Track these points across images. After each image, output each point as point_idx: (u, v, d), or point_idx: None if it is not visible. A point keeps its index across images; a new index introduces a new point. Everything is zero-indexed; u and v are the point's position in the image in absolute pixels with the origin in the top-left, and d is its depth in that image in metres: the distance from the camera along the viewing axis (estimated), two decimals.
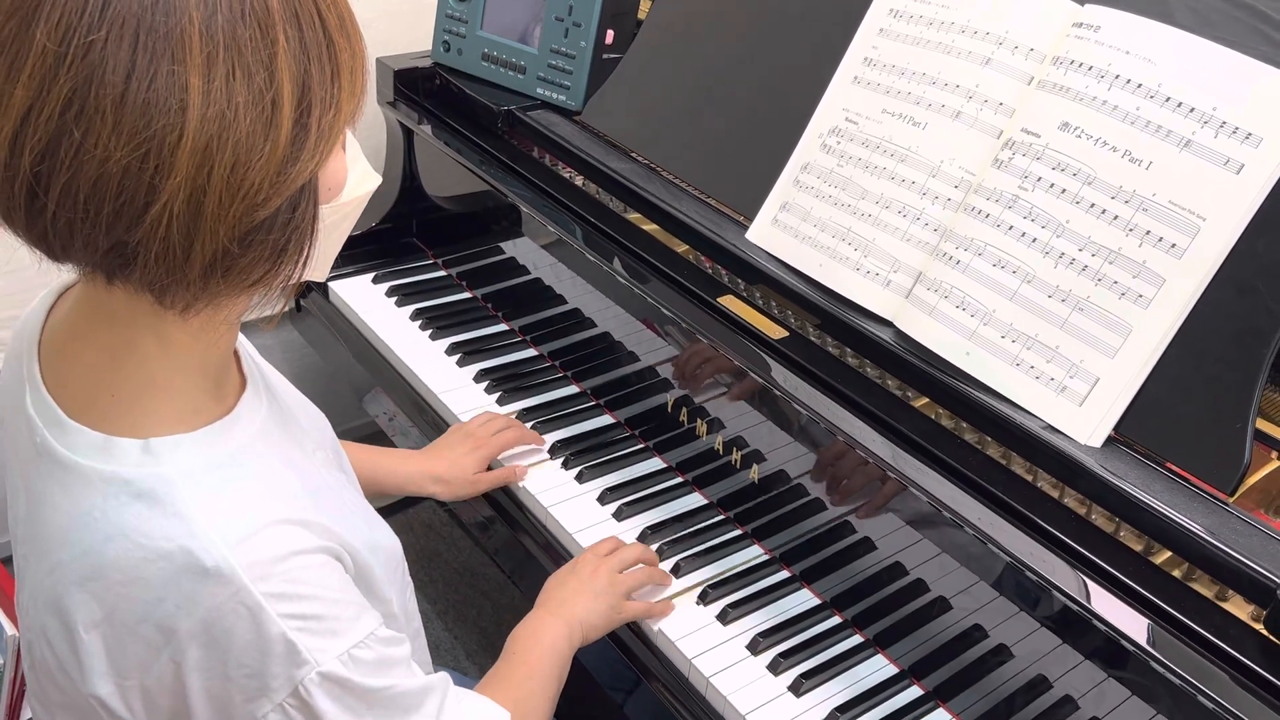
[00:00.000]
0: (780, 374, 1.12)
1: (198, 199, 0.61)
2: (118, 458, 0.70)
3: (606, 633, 1.11)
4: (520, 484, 1.29)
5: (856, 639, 1.13)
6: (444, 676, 0.84)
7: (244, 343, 0.84)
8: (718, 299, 1.20)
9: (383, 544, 0.86)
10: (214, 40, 0.60)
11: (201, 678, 0.70)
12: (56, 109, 0.59)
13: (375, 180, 0.79)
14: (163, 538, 0.68)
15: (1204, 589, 0.89)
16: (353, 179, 0.76)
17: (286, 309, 0.77)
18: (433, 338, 1.52)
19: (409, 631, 0.94)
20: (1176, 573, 0.90)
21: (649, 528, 1.23)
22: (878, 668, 1.10)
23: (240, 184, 0.62)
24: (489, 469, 1.30)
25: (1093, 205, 0.99)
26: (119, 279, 0.66)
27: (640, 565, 1.15)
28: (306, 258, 0.69)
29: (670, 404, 1.31)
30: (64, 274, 0.74)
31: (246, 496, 0.71)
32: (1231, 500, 0.91)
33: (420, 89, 1.65)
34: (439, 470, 1.26)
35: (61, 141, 0.59)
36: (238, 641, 0.69)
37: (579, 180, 1.42)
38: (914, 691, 1.08)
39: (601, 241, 1.32)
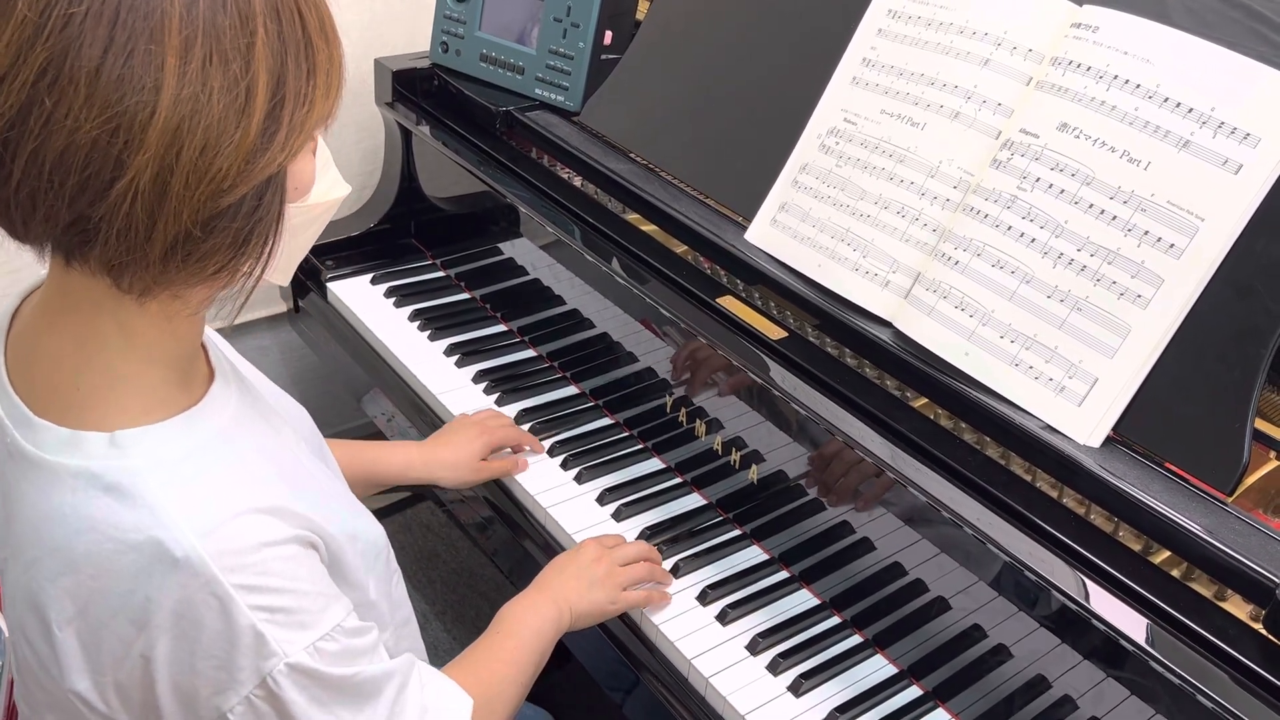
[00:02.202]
0: (779, 374, 1.12)
1: (164, 178, 0.62)
2: (85, 452, 0.70)
3: (597, 622, 1.12)
4: (519, 482, 1.29)
5: (856, 639, 1.13)
6: (409, 659, 0.85)
7: (213, 337, 0.84)
8: (716, 299, 1.20)
9: (362, 532, 0.87)
10: (193, 25, 0.61)
11: (169, 671, 0.70)
12: (30, 77, 0.60)
13: (345, 190, 0.80)
14: (132, 530, 0.68)
15: (1203, 588, 0.89)
16: (323, 185, 0.77)
17: (281, 311, 0.77)
18: (431, 338, 1.52)
19: (397, 619, 0.94)
20: (1175, 572, 0.91)
21: (648, 528, 1.23)
22: (877, 668, 1.10)
23: (208, 167, 0.63)
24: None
25: (1091, 205, 0.99)
26: (77, 259, 0.66)
27: (641, 562, 1.15)
28: (269, 253, 0.70)
29: (669, 404, 1.31)
30: (42, 270, 0.74)
31: (216, 485, 0.71)
32: (1230, 500, 0.91)
33: (418, 90, 1.65)
34: (444, 455, 1.26)
35: (32, 110, 0.60)
36: (207, 632, 0.69)
37: (577, 181, 1.43)
38: (913, 691, 1.08)
39: (600, 242, 1.32)
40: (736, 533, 1.24)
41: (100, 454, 0.70)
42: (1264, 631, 0.85)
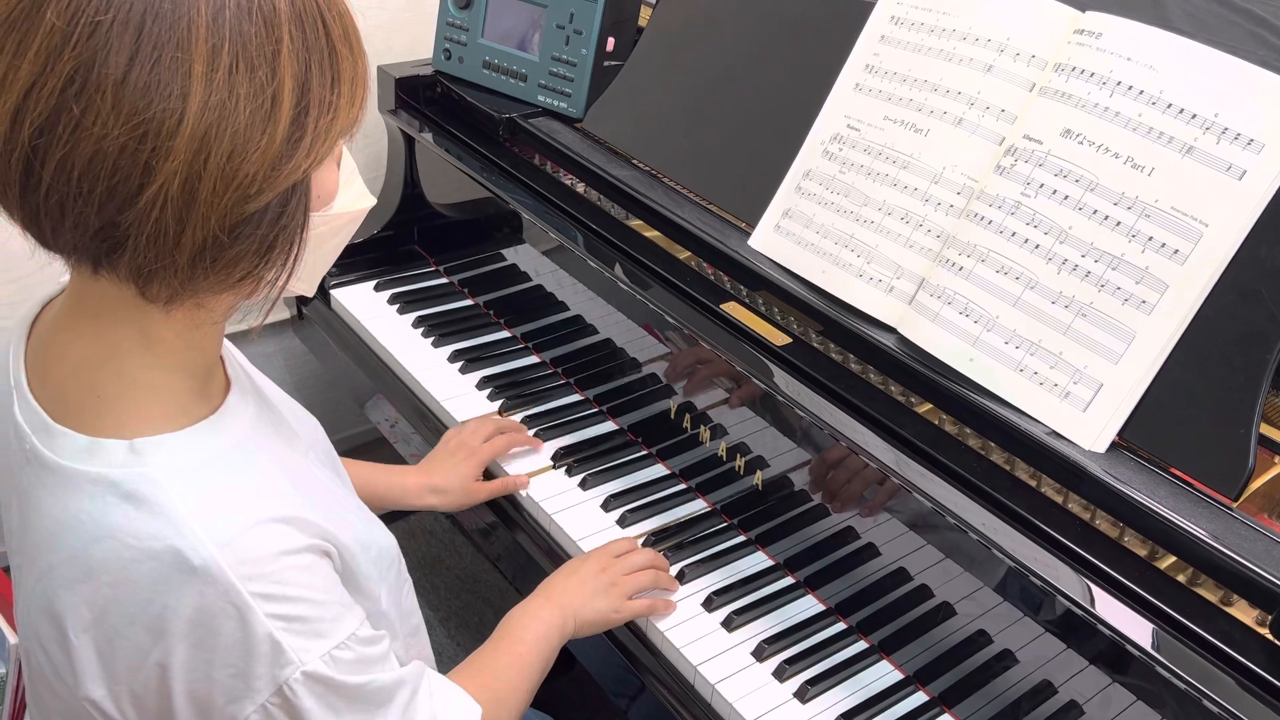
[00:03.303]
0: (783, 380, 1.12)
1: (192, 184, 0.62)
2: (103, 459, 0.70)
3: (602, 630, 1.13)
4: (523, 491, 1.29)
5: (861, 645, 1.13)
6: (419, 666, 0.86)
7: (230, 348, 0.85)
8: (720, 305, 1.20)
9: (376, 542, 0.87)
10: (220, 32, 0.62)
11: (185, 679, 0.70)
12: (58, 85, 0.60)
13: (370, 201, 0.81)
14: (151, 538, 0.68)
15: (1208, 594, 0.89)
16: (347, 196, 0.77)
17: (285, 317, 0.77)
18: (435, 345, 1.53)
19: (407, 628, 0.95)
20: (1181, 577, 0.91)
21: (652, 534, 1.23)
22: (883, 674, 1.10)
23: (235, 173, 0.63)
24: (487, 475, 1.31)
25: (1095, 211, 1.00)
26: (106, 266, 0.66)
27: (648, 570, 1.15)
28: (293, 260, 0.70)
29: (673, 410, 1.31)
30: (61, 278, 0.75)
31: (233, 495, 0.72)
32: (1235, 505, 0.91)
33: (421, 97, 1.65)
34: (435, 482, 1.28)
35: (61, 117, 0.61)
36: (224, 640, 0.70)
37: (580, 187, 1.43)
38: (919, 697, 1.08)
39: (603, 248, 1.33)
40: (741, 539, 1.25)
41: (119, 461, 0.70)
42: (1270, 636, 0.85)
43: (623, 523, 1.25)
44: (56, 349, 0.74)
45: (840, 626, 1.15)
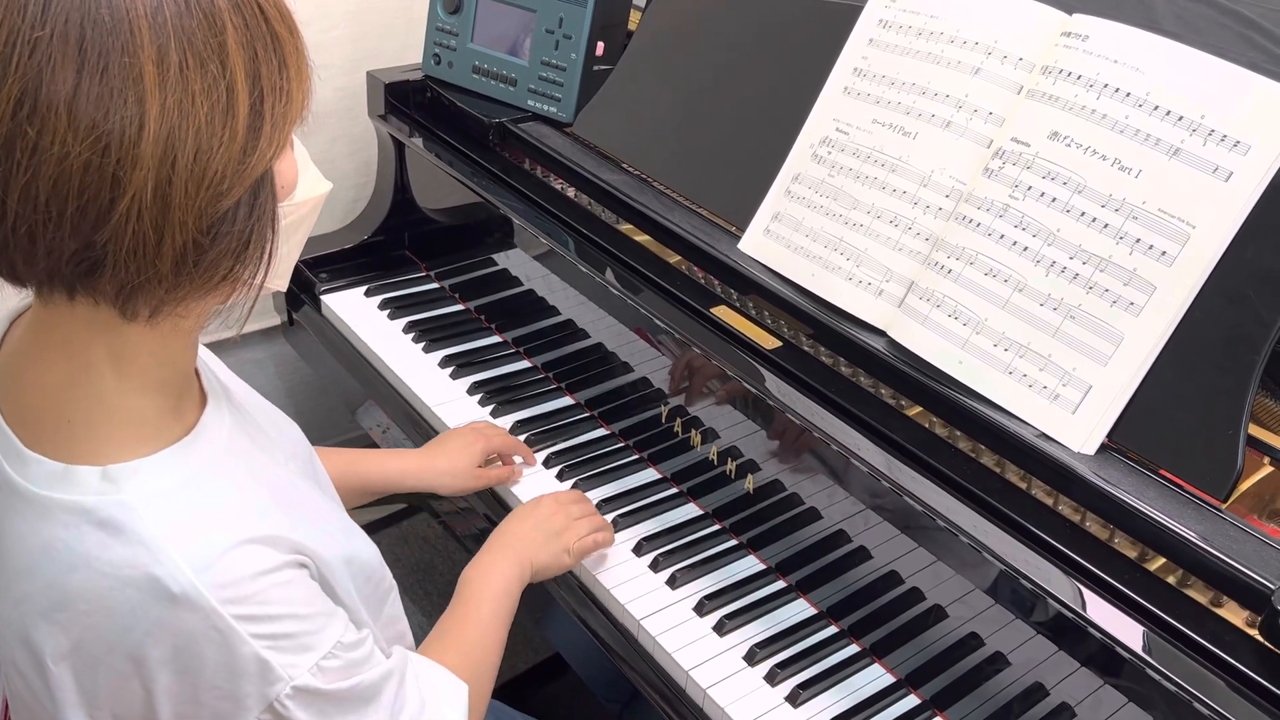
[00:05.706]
0: (774, 384, 1.12)
1: (164, 190, 0.61)
2: (77, 486, 0.69)
3: (556, 574, 1.15)
4: (515, 494, 1.29)
5: (853, 648, 1.13)
6: (401, 654, 0.86)
7: (205, 357, 0.84)
8: (710, 309, 1.20)
9: (358, 554, 0.86)
10: (164, 32, 0.60)
11: (171, 703, 0.70)
12: (8, 111, 0.59)
13: (326, 186, 0.80)
14: (127, 566, 0.67)
15: (1198, 595, 0.89)
16: (305, 183, 0.76)
17: (275, 324, 0.77)
18: (425, 350, 1.52)
19: (390, 635, 0.94)
20: (1171, 579, 0.91)
21: (644, 539, 1.23)
22: (875, 677, 1.10)
23: (204, 172, 0.62)
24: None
25: (1083, 214, 1.00)
26: (83, 290, 0.65)
27: (594, 515, 1.19)
28: (268, 255, 0.69)
29: (664, 415, 1.31)
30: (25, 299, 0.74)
31: (210, 518, 0.71)
32: (1225, 506, 0.91)
33: (411, 102, 1.65)
34: (440, 463, 1.27)
35: (16, 142, 0.59)
36: (209, 665, 0.69)
37: (570, 192, 1.43)
38: (911, 700, 1.08)
39: (593, 253, 1.33)
40: (733, 543, 1.24)
41: (93, 489, 0.69)
42: (1259, 637, 0.85)
43: (615, 527, 1.25)
44: (27, 374, 0.73)
45: (832, 630, 1.15)
